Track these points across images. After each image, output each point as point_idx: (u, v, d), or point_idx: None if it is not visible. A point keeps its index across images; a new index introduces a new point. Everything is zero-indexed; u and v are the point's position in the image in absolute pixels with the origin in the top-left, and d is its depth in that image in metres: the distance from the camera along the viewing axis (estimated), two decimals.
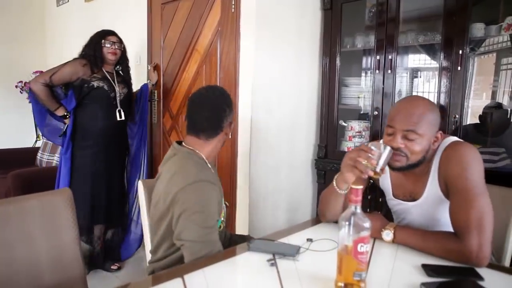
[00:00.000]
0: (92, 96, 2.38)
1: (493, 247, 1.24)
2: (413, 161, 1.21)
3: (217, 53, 2.43)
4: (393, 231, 1.19)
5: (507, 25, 1.90)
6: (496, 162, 2.00)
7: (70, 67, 2.36)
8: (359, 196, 0.89)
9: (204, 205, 1.24)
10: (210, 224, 1.24)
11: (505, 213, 1.40)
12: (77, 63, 2.37)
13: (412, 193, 1.31)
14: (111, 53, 2.43)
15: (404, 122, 1.19)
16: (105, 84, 2.40)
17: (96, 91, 2.38)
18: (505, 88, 2.17)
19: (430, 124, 1.19)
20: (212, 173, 1.36)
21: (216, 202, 1.28)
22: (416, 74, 2.50)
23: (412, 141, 1.18)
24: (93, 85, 2.37)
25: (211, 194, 1.27)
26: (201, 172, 1.30)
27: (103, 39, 2.41)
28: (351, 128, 2.50)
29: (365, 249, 0.88)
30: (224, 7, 2.35)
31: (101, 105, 2.41)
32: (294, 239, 1.26)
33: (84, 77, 2.36)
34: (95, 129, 2.41)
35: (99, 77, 2.40)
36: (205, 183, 1.27)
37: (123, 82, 2.53)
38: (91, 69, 2.38)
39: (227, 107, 1.39)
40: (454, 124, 2.01)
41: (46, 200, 1.31)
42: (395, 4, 2.18)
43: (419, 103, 1.22)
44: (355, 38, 2.49)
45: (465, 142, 1.23)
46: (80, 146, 2.42)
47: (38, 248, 1.25)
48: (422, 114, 1.19)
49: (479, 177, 1.14)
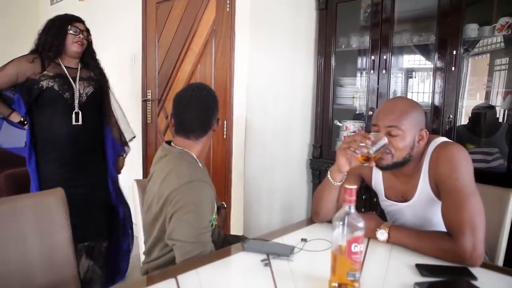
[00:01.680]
0: (43, 99, 1.92)
1: (486, 246, 1.25)
2: (398, 159, 1.22)
3: (212, 52, 2.43)
4: (388, 231, 1.19)
5: (501, 26, 1.91)
6: (490, 162, 2.01)
7: (13, 67, 1.90)
8: (353, 196, 0.89)
9: (198, 205, 1.24)
10: (203, 224, 1.23)
11: (498, 213, 1.41)
12: (23, 60, 1.91)
13: (404, 194, 1.31)
14: (77, 43, 1.95)
15: (387, 119, 1.22)
16: (55, 83, 1.91)
17: (46, 92, 1.90)
18: (498, 89, 2.19)
19: (413, 121, 1.22)
20: (204, 172, 1.36)
21: (209, 201, 1.28)
22: (411, 75, 2.51)
23: (396, 137, 1.20)
24: (41, 86, 1.89)
25: (205, 194, 1.27)
26: (195, 172, 1.29)
27: (69, 25, 1.94)
28: (346, 128, 2.50)
29: (359, 249, 0.88)
30: (219, 6, 2.35)
31: (54, 109, 1.93)
32: (288, 239, 1.26)
33: (32, 76, 1.90)
34: (53, 138, 1.96)
35: (50, 75, 1.91)
36: (199, 182, 1.26)
37: (89, 80, 2.03)
38: (41, 65, 1.90)
39: (215, 105, 1.39)
40: (448, 124, 2.02)
41: (38, 200, 1.30)
42: (389, 4, 2.19)
43: (401, 101, 1.29)
44: (350, 38, 2.49)
45: (454, 143, 1.24)
46: (44, 158, 1.99)
47: (30, 248, 1.24)
48: (404, 110, 1.22)
49: (469, 177, 1.15)
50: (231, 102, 2.30)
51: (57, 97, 1.91)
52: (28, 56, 1.92)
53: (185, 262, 1.16)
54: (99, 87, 2.06)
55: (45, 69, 1.90)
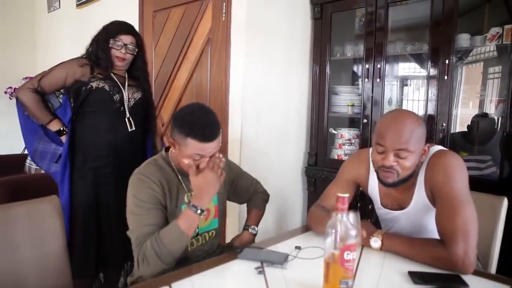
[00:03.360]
0: (91, 101, 1.83)
1: (478, 253, 1.26)
2: (403, 176, 1.22)
3: (208, 61, 2.44)
4: (381, 239, 1.20)
5: (491, 36, 1.94)
6: (483, 170, 2.03)
7: (63, 67, 1.83)
8: (345, 204, 0.90)
9: (134, 193, 1.28)
10: (137, 211, 1.26)
11: (491, 220, 1.42)
12: (74, 62, 1.85)
13: (400, 203, 1.32)
14: (119, 58, 1.85)
15: (395, 142, 1.18)
16: (106, 84, 1.83)
17: (95, 93, 1.82)
18: (492, 97, 2.22)
19: (419, 139, 1.20)
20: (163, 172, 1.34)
21: (148, 194, 1.28)
22: (406, 82, 2.54)
23: (404, 159, 1.19)
24: (91, 86, 1.81)
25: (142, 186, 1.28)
26: (146, 167, 1.35)
27: (113, 39, 1.84)
28: (341, 136, 2.52)
29: (351, 257, 0.89)
30: (215, 15, 2.37)
31: (103, 112, 1.84)
32: (282, 247, 1.26)
33: (82, 78, 1.82)
34: (99, 145, 1.85)
35: (101, 77, 1.84)
36: (139, 175, 1.31)
37: (135, 87, 1.96)
38: (91, 69, 1.84)
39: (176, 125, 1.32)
40: (442, 132, 2.04)
41: (33, 207, 1.29)
42: (383, 13, 2.22)
43: (408, 120, 1.21)
44: (345, 47, 2.52)
45: (449, 151, 1.25)
46: (81, 170, 1.85)
47: (24, 256, 1.23)
48: (412, 131, 1.19)
49: (464, 185, 1.16)
50: (226, 109, 2.31)
51: (107, 98, 1.83)
52: (78, 60, 1.86)
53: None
54: (145, 96, 2.00)
55: (95, 71, 1.84)
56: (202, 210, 1.24)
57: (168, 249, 1.18)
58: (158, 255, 1.18)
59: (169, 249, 1.18)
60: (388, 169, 1.20)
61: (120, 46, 1.84)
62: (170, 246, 1.19)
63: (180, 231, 1.20)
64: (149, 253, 1.18)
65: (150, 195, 1.27)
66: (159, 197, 1.29)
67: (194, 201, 1.23)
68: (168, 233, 1.20)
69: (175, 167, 1.38)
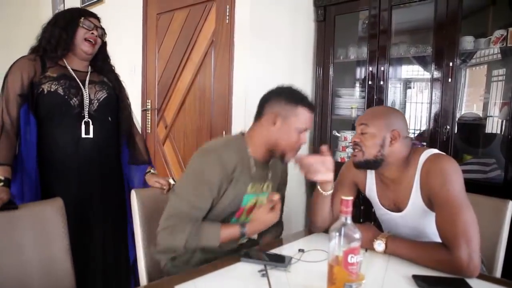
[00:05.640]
0: (44, 106, 1.49)
1: (483, 257, 1.26)
2: (369, 157, 1.27)
3: (212, 63, 2.45)
4: (385, 242, 1.20)
5: (496, 39, 1.94)
6: (487, 173, 2.02)
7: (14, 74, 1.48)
8: (349, 207, 0.90)
9: (196, 173, 1.26)
10: (196, 186, 1.24)
11: (496, 224, 1.41)
12: (24, 59, 1.51)
13: (396, 202, 1.32)
14: (90, 39, 1.56)
15: (362, 118, 1.32)
16: (60, 86, 1.50)
17: (47, 98, 1.48)
18: (496, 100, 2.21)
19: (384, 122, 1.27)
20: (239, 156, 1.28)
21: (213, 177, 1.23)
22: (410, 85, 2.53)
23: (365, 135, 1.27)
24: (42, 90, 1.48)
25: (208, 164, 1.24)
26: (217, 144, 1.30)
27: (82, 17, 1.56)
28: (344, 139, 2.51)
29: (355, 260, 0.89)
30: (218, 18, 2.38)
31: (58, 119, 1.51)
32: (286, 249, 1.26)
33: (34, 79, 1.49)
34: (57, 157, 1.52)
35: (54, 76, 1.51)
36: (210, 152, 1.26)
37: (101, 84, 1.63)
38: (42, 65, 1.50)
39: (274, 98, 1.34)
40: (446, 135, 2.03)
41: (37, 210, 1.30)
42: (387, 16, 2.22)
43: (379, 107, 1.46)
44: (348, 49, 2.52)
45: (445, 155, 1.25)
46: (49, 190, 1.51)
47: (28, 259, 1.24)
48: (377, 112, 1.33)
49: (460, 189, 1.16)
50: (229, 112, 2.32)
51: (62, 103, 1.50)
52: (28, 55, 1.54)
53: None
54: (114, 93, 1.66)
55: (47, 70, 1.51)
56: (245, 237, 1.32)
57: (197, 243, 1.23)
58: (186, 242, 1.21)
59: (199, 243, 1.23)
60: (355, 146, 1.29)
61: (91, 26, 1.57)
62: (202, 242, 1.23)
63: (217, 237, 1.24)
64: (182, 236, 1.20)
65: (215, 179, 1.24)
66: (223, 185, 1.26)
67: (247, 227, 1.27)
68: (207, 232, 1.24)
69: (250, 153, 1.33)
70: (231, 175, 1.26)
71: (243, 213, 1.37)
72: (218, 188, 1.25)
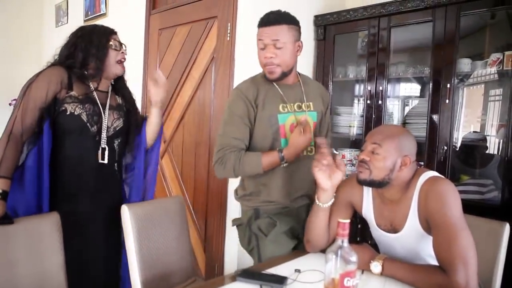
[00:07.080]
0: (61, 125, 1.46)
1: (480, 280, 1.25)
2: (376, 177, 1.25)
3: (212, 79, 2.47)
4: (382, 263, 1.19)
5: (492, 61, 1.96)
6: (484, 194, 2.02)
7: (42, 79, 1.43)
8: (346, 229, 0.90)
9: (228, 111, 1.49)
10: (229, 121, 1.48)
11: (493, 246, 1.41)
12: (54, 71, 1.46)
13: (392, 223, 1.32)
14: (120, 62, 1.56)
15: (372, 136, 1.29)
16: (84, 111, 1.47)
17: (68, 119, 1.45)
18: (493, 121, 2.22)
19: (397, 145, 1.24)
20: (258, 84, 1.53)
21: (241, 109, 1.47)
22: (408, 103, 2.55)
23: (376, 155, 1.24)
24: (65, 109, 1.44)
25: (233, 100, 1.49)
26: (243, 82, 1.56)
27: (112, 39, 1.54)
28: (342, 156, 2.52)
29: (351, 283, 0.88)
30: (219, 35, 2.41)
31: (74, 139, 1.49)
32: (282, 269, 1.25)
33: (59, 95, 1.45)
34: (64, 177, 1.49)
35: (79, 98, 1.47)
36: (237, 90, 1.52)
37: (118, 111, 1.61)
38: (68, 82, 1.46)
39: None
40: (443, 155, 2.04)
41: (32, 224, 1.29)
42: (386, 35, 2.25)
43: (393, 126, 1.42)
44: (347, 68, 2.55)
45: (443, 178, 1.25)
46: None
47: (22, 272, 1.23)
48: (391, 133, 1.27)
49: (458, 212, 1.16)
50: None
51: (82, 127, 1.48)
52: (58, 67, 1.47)
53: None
54: (127, 119, 1.63)
55: (72, 87, 1.46)
56: (286, 162, 1.44)
57: (243, 170, 1.44)
58: (234, 169, 1.43)
59: (244, 170, 1.44)
60: (362, 164, 1.26)
61: (118, 46, 1.55)
62: (247, 169, 1.44)
63: (259, 164, 1.42)
64: (229, 164, 1.43)
65: (243, 110, 1.47)
66: (251, 113, 1.47)
67: (285, 152, 1.42)
68: (250, 160, 1.43)
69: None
70: (255, 102, 1.47)
71: (287, 132, 1.50)
72: (247, 116, 1.46)
